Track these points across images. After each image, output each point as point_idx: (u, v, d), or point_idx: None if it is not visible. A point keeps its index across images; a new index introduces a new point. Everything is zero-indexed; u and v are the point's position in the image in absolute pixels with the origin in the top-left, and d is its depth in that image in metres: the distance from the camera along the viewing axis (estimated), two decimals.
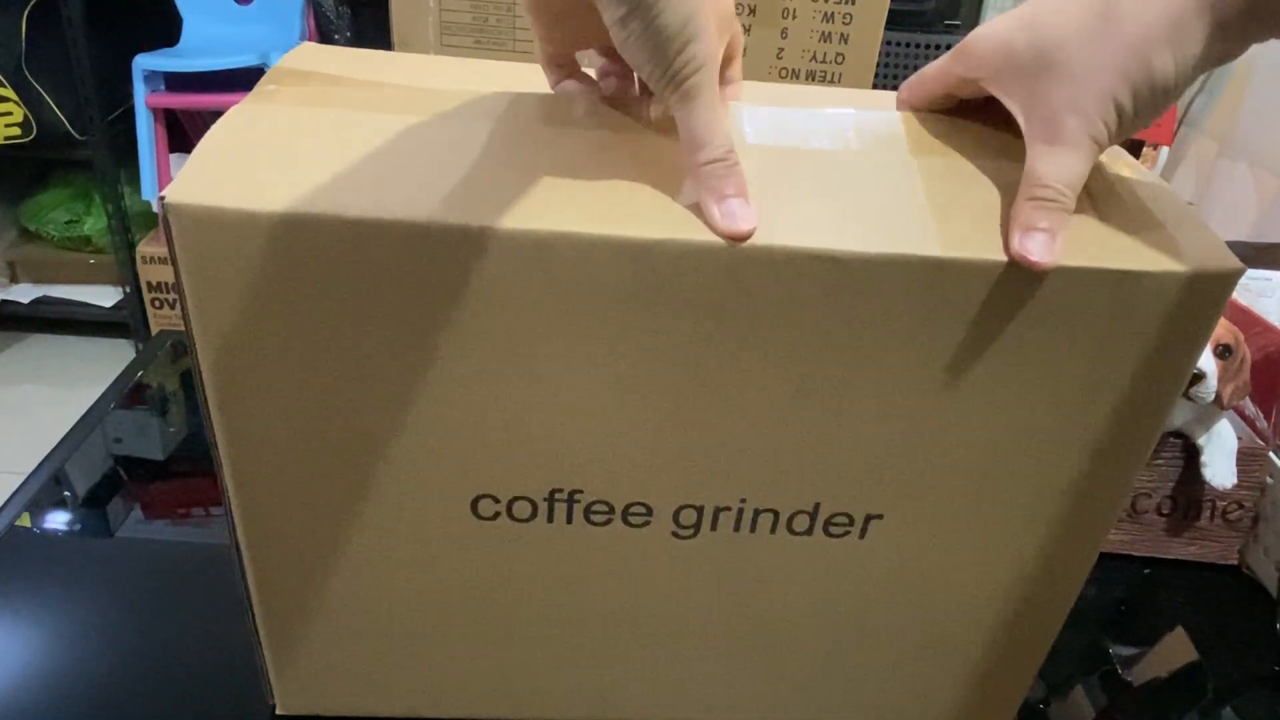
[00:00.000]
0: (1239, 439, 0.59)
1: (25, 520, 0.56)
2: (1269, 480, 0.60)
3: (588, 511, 0.37)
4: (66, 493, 0.59)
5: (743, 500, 0.37)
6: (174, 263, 0.31)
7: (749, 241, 0.32)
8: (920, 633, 0.42)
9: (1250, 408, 0.64)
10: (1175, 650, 0.55)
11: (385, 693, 0.44)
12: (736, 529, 0.38)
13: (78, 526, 0.56)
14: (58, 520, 0.57)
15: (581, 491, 0.37)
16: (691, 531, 0.38)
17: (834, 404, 0.35)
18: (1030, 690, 0.46)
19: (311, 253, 0.31)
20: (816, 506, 0.38)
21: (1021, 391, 0.35)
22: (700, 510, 0.38)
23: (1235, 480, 0.58)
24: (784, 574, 0.40)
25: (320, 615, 0.41)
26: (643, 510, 0.38)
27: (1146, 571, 0.61)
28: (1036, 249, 0.32)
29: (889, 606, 0.41)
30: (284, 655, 0.42)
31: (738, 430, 0.36)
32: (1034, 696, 0.50)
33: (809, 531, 0.38)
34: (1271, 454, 0.60)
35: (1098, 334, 0.34)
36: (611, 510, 0.38)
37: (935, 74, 0.39)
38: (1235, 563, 0.62)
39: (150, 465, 0.63)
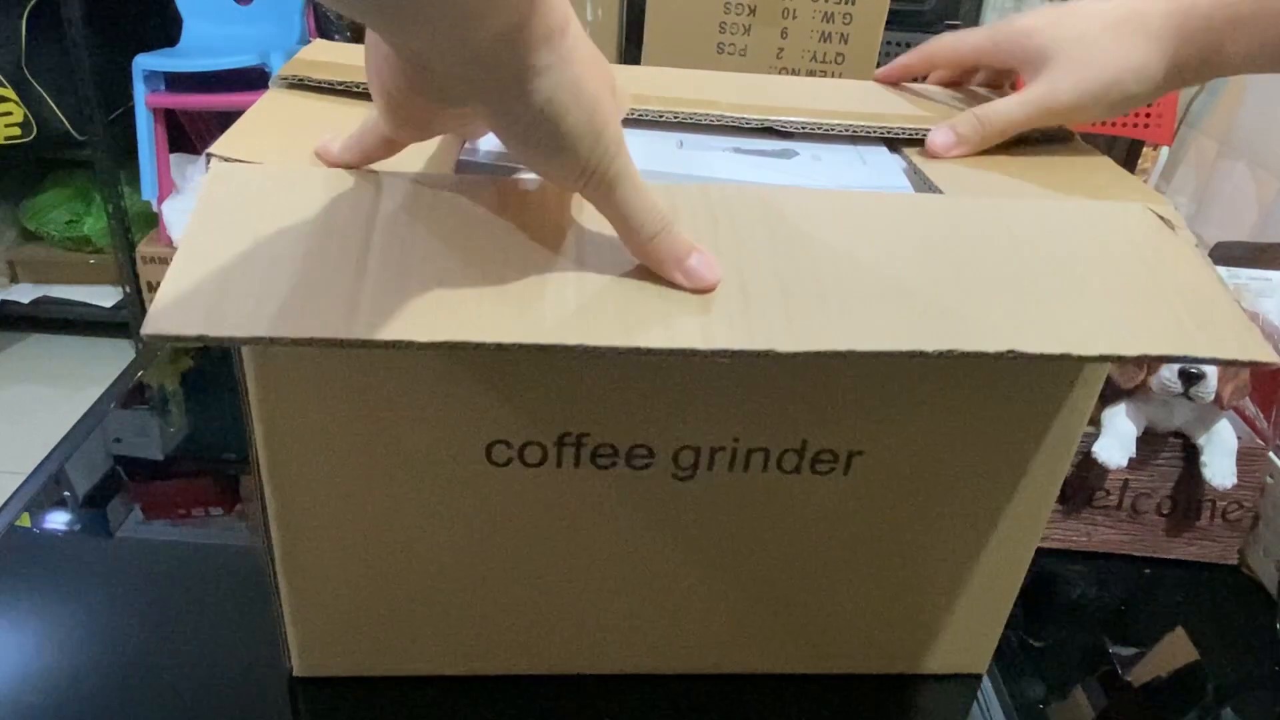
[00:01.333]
0: (1239, 439, 0.59)
1: (25, 520, 0.56)
2: (1269, 480, 0.60)
3: (594, 455, 0.40)
4: (66, 493, 0.59)
5: (736, 439, 0.40)
6: None
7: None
8: (906, 569, 0.45)
9: (1250, 408, 0.64)
10: (1175, 650, 0.55)
11: (402, 652, 0.46)
12: (731, 468, 0.41)
13: (78, 526, 0.56)
14: (58, 520, 0.57)
15: (588, 434, 0.39)
16: (690, 472, 0.41)
17: None
18: (1030, 690, 0.46)
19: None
20: (804, 444, 0.40)
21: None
22: (698, 451, 0.40)
23: (1235, 480, 0.58)
24: (778, 514, 0.42)
25: (341, 571, 0.42)
26: (645, 452, 0.40)
27: (1146, 571, 0.61)
28: (939, 139, 0.45)
29: (876, 543, 0.44)
30: (304, 615, 0.44)
31: (729, 368, 0.38)
32: (1034, 696, 0.50)
33: (797, 470, 0.41)
34: (1271, 454, 0.60)
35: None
36: (616, 453, 0.40)
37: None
38: (1235, 563, 0.62)
39: (150, 465, 0.63)
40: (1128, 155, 1.79)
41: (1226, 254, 0.74)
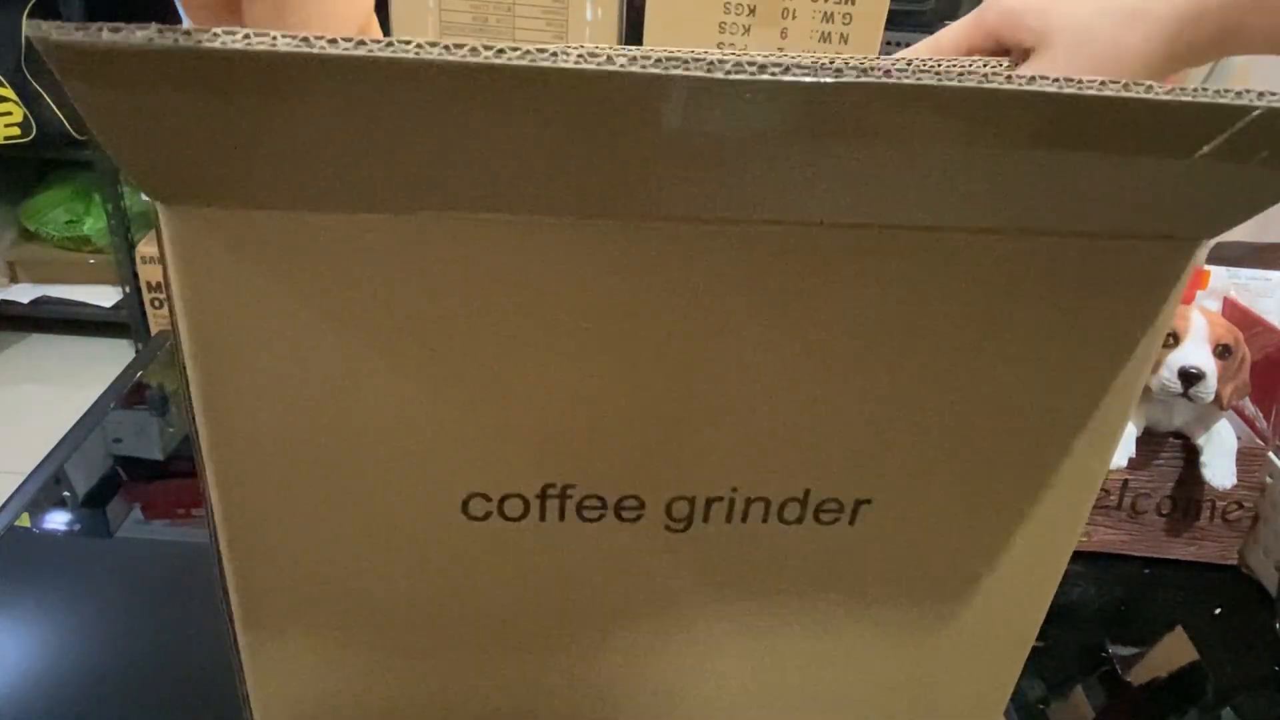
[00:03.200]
0: (1239, 439, 0.59)
1: (25, 520, 0.56)
2: (1269, 480, 0.60)
3: (580, 507, 0.37)
4: (66, 493, 0.59)
5: (734, 489, 0.38)
6: (161, 256, 0.31)
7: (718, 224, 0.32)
8: (915, 620, 0.42)
9: (1250, 408, 0.64)
10: (1175, 650, 0.55)
11: (374, 715, 0.43)
12: (729, 519, 0.38)
13: (78, 526, 0.56)
14: (58, 520, 0.57)
15: (574, 486, 0.37)
16: (684, 524, 0.38)
17: (819, 386, 0.35)
18: (1030, 690, 0.46)
19: (299, 248, 0.31)
20: (806, 493, 0.38)
21: (1006, 367, 0.35)
22: (692, 501, 0.38)
23: (1235, 480, 0.58)
24: (778, 565, 0.40)
25: (306, 629, 0.40)
26: (635, 504, 0.37)
27: (1146, 571, 0.61)
28: None
29: (883, 594, 0.41)
30: (267, 674, 0.41)
31: (726, 415, 0.36)
32: (1034, 696, 0.50)
33: (800, 520, 0.38)
34: (1271, 454, 0.60)
35: (1073, 304, 0.34)
36: (604, 505, 0.37)
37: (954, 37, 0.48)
38: (1235, 563, 0.62)
39: (150, 465, 0.63)
40: None
41: (1226, 254, 0.74)
